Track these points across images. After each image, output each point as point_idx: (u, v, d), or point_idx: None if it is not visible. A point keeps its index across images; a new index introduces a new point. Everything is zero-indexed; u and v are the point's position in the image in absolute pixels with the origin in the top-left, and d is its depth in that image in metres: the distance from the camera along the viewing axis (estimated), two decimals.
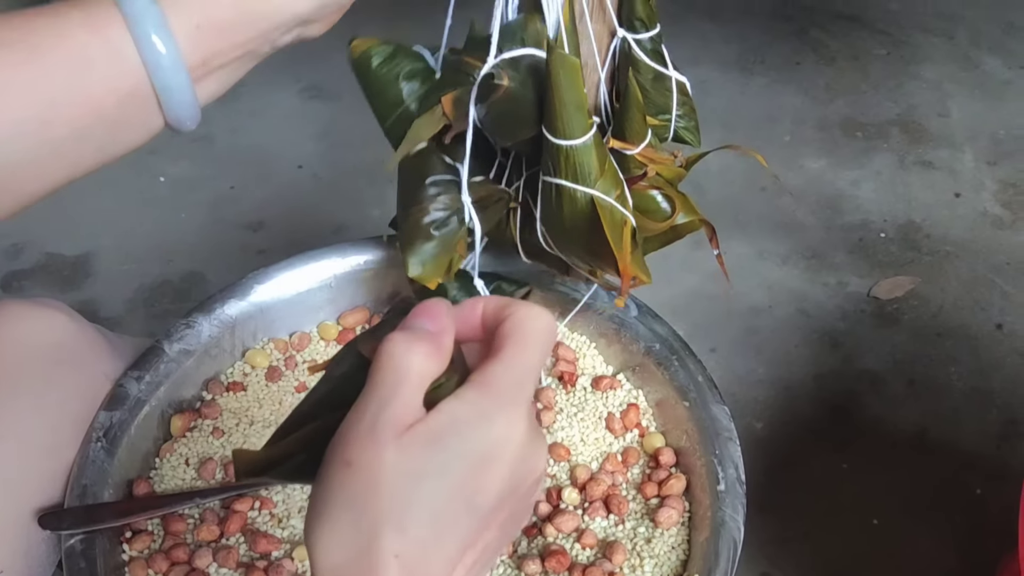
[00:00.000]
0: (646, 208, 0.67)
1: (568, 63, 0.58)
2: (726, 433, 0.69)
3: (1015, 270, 1.27)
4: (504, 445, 0.37)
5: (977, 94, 1.56)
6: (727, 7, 1.72)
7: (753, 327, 1.21)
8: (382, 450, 0.35)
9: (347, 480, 0.36)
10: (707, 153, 0.70)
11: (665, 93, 0.66)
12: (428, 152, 0.67)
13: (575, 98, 0.59)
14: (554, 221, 0.66)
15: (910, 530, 1.00)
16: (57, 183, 0.52)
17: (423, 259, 0.66)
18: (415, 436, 0.36)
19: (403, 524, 0.35)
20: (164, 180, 1.41)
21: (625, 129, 0.65)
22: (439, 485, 0.36)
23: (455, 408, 0.37)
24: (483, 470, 0.37)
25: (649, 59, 0.64)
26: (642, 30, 0.63)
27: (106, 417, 0.68)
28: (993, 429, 1.09)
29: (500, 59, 0.61)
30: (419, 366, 0.37)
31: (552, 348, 0.40)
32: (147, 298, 1.25)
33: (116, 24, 0.49)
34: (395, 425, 0.36)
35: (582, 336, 0.81)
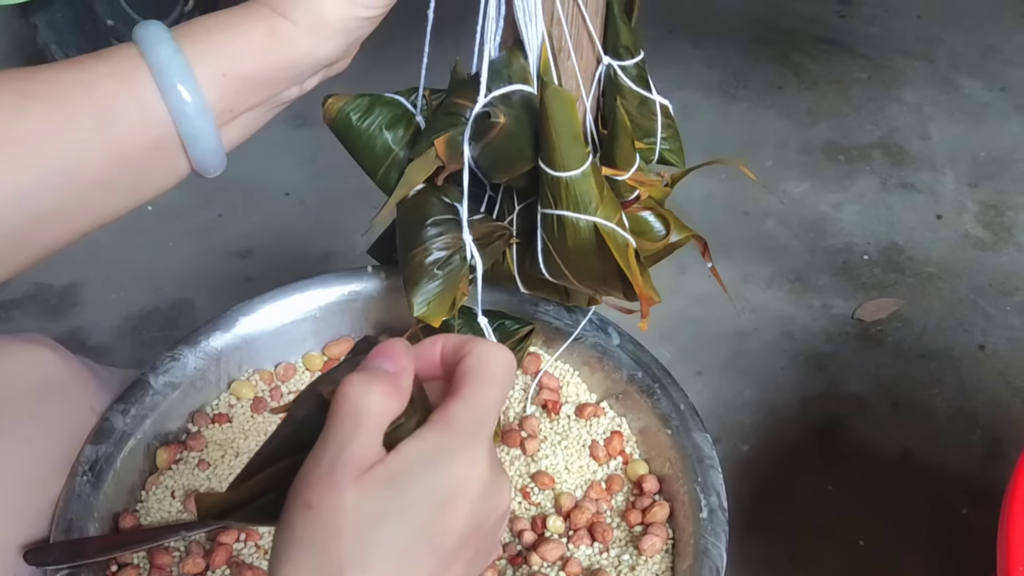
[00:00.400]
0: (641, 230, 0.68)
1: (562, 97, 0.59)
2: (708, 460, 0.70)
3: (997, 291, 1.28)
4: (465, 484, 0.37)
5: (957, 116, 1.58)
6: (709, 32, 1.74)
7: (739, 350, 1.22)
8: (341, 492, 0.35)
9: (308, 522, 0.36)
10: (692, 169, 0.71)
11: (650, 117, 0.68)
12: (426, 194, 0.68)
13: (571, 130, 0.60)
14: (559, 251, 0.66)
15: (896, 551, 1.00)
16: (83, 231, 0.53)
17: (427, 298, 0.67)
18: (375, 477, 0.36)
19: (365, 565, 0.35)
20: (151, 209, 1.41)
21: (614, 155, 0.66)
22: (400, 526, 0.36)
23: (415, 448, 0.37)
24: (445, 510, 0.37)
25: (634, 85, 0.66)
26: (627, 57, 0.65)
27: (92, 451, 0.69)
28: (977, 450, 1.10)
29: (492, 96, 0.62)
30: (377, 406, 0.37)
31: (512, 383, 0.41)
32: (135, 326, 1.26)
33: (142, 75, 0.50)
34: (354, 467, 0.36)
35: (565, 364, 0.82)
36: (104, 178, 0.50)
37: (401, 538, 0.36)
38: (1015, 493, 0.63)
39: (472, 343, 0.40)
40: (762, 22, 1.80)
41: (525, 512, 0.73)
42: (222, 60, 0.52)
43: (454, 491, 0.37)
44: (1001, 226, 1.38)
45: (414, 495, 0.36)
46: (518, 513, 0.73)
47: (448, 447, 0.37)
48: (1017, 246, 1.35)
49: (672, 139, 0.71)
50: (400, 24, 0.65)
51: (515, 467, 0.75)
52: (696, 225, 1.28)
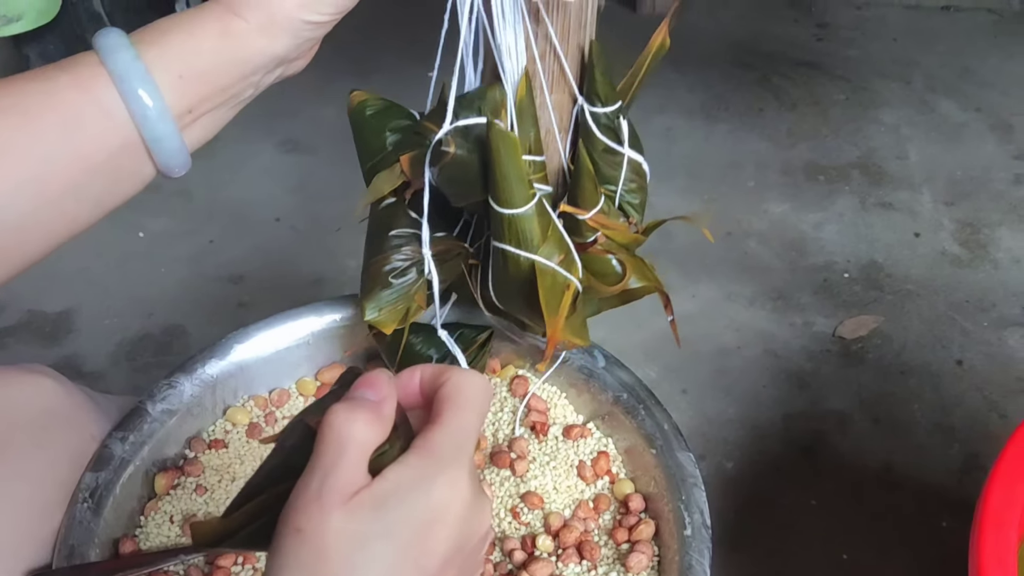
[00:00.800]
0: (600, 271, 0.71)
1: (507, 139, 0.62)
2: (691, 479, 0.72)
3: (974, 307, 1.31)
4: (448, 507, 0.39)
5: (934, 136, 1.62)
6: (691, 56, 1.77)
7: (722, 368, 1.24)
8: (328, 516, 0.37)
9: (297, 547, 0.37)
10: (664, 222, 0.73)
11: (615, 166, 0.70)
12: (395, 206, 0.72)
13: (515, 171, 0.63)
14: (501, 282, 0.70)
15: (879, 564, 1.02)
16: (59, 240, 0.55)
17: (380, 305, 0.70)
18: (361, 502, 0.38)
19: None
20: (143, 236, 1.43)
21: (577, 195, 0.68)
22: (386, 548, 0.38)
23: (399, 473, 0.39)
24: (428, 532, 0.39)
25: (600, 132, 0.68)
26: (599, 104, 0.67)
27: (92, 478, 0.70)
28: (956, 463, 1.13)
29: (453, 127, 0.64)
30: (361, 434, 0.39)
31: (488, 408, 0.43)
32: (129, 352, 1.27)
33: (103, 82, 0.51)
34: (340, 492, 0.38)
35: (553, 387, 0.84)
36: (72, 185, 0.52)
37: (387, 559, 0.38)
38: (986, 505, 0.65)
39: (449, 372, 0.42)
40: (742, 46, 1.83)
41: (515, 532, 0.75)
42: (178, 62, 0.53)
43: (437, 514, 0.39)
44: (977, 243, 1.42)
45: (398, 518, 0.38)
46: (508, 533, 0.75)
47: (430, 472, 0.39)
48: (993, 263, 1.38)
49: (636, 193, 0.73)
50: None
51: (505, 488, 0.77)
52: (680, 245, 1.32)
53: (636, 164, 0.71)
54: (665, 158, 1.55)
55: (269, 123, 1.64)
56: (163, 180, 0.58)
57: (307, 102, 1.67)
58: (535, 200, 0.65)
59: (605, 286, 0.70)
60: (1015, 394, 1.20)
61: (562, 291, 0.68)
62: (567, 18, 0.64)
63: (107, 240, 1.42)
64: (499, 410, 0.83)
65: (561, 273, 0.67)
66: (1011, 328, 1.28)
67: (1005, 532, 0.64)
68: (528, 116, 0.66)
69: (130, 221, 1.45)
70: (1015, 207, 1.48)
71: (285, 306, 0.84)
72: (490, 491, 0.77)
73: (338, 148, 1.58)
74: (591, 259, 0.71)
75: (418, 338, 0.77)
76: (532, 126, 0.66)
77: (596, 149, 0.69)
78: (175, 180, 0.58)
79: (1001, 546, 0.63)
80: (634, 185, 0.72)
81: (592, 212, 0.68)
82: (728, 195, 1.50)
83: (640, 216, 0.73)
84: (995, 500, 0.65)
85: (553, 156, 0.70)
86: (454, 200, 0.69)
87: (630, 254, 0.71)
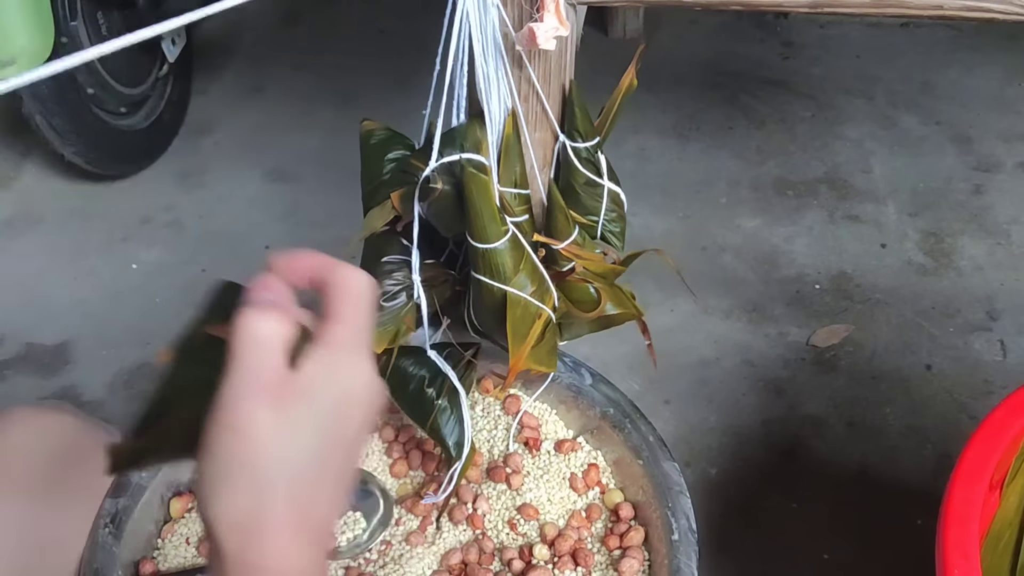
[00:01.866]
0: (579, 299, 0.76)
1: (477, 180, 0.67)
2: (676, 487, 0.77)
3: (940, 314, 1.37)
4: (357, 390, 0.44)
5: (896, 150, 1.68)
6: (662, 78, 1.82)
7: (703, 379, 1.29)
8: (259, 411, 0.40)
9: (235, 444, 0.40)
10: (640, 254, 0.79)
11: (596, 198, 0.75)
12: (388, 235, 0.77)
13: (487, 210, 0.68)
14: (479, 309, 0.75)
15: (858, 562, 1.07)
16: None
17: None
18: (286, 395, 0.41)
19: (293, 470, 0.41)
20: (137, 267, 1.47)
21: (551, 227, 0.74)
22: (314, 434, 0.42)
23: (314, 367, 0.43)
24: (345, 413, 0.43)
25: (582, 166, 0.73)
26: (579, 140, 0.72)
27: (112, 504, 0.74)
28: (929, 464, 1.18)
29: (439, 164, 0.69)
30: (275, 332, 0.42)
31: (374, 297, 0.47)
32: (127, 381, 1.31)
33: None
34: (267, 387, 0.41)
35: (543, 404, 0.89)
36: None
37: (316, 443, 0.42)
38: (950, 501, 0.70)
39: (336, 267, 0.46)
40: (711, 66, 1.89)
41: (513, 542, 0.80)
42: None
43: (349, 396, 0.44)
44: (941, 252, 1.48)
45: (320, 406, 0.42)
46: (507, 543, 0.80)
47: (340, 362, 0.43)
48: (957, 271, 1.44)
49: (616, 222, 0.78)
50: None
51: (501, 501, 0.82)
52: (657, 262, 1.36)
53: (615, 194, 0.76)
54: (640, 177, 1.60)
55: (255, 154, 1.68)
56: (155, 213, 0.61)
57: (291, 132, 1.72)
58: (508, 236, 0.70)
59: (582, 312, 0.75)
60: (983, 396, 1.25)
61: (532, 320, 0.73)
62: (548, 63, 0.69)
63: (102, 273, 1.45)
64: (493, 427, 0.87)
65: (532, 303, 0.72)
66: (976, 332, 1.34)
67: (968, 527, 0.69)
68: (514, 153, 0.71)
69: (124, 253, 1.49)
70: (976, 216, 1.54)
71: None
72: (487, 505, 0.82)
73: (323, 177, 1.62)
74: (570, 287, 0.77)
75: (409, 360, 0.81)
76: (518, 162, 0.71)
77: (579, 182, 0.74)
78: (166, 212, 0.61)
79: (964, 539, 0.68)
80: (614, 215, 0.77)
81: (565, 243, 0.73)
82: (702, 212, 1.56)
83: (621, 243, 0.78)
84: (958, 496, 0.70)
85: (535, 191, 0.75)
86: (443, 230, 0.75)
87: (608, 283, 0.76)
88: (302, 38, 1.97)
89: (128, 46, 0.51)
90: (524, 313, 0.72)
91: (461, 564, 0.78)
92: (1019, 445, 0.75)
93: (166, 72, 1.66)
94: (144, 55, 1.60)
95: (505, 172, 0.71)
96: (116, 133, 1.55)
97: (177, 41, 1.65)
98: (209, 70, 1.86)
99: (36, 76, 0.42)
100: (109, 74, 1.51)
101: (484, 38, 0.64)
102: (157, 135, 1.66)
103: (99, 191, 1.59)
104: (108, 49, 0.45)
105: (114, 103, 1.54)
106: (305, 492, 0.41)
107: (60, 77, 1.39)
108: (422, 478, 0.84)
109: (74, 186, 1.60)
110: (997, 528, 0.77)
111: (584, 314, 0.76)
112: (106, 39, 1.48)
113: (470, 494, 0.82)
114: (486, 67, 0.67)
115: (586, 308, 0.76)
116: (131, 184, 1.60)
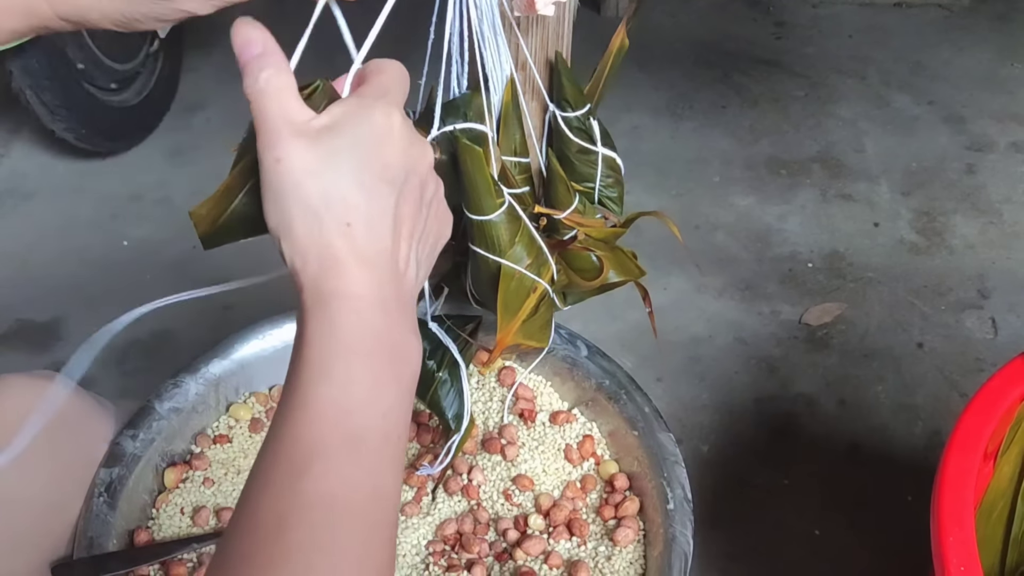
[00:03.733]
0: (581, 267, 0.76)
1: (472, 153, 0.66)
2: (672, 458, 0.77)
3: (932, 292, 1.38)
4: (389, 129, 0.46)
5: (889, 129, 1.68)
6: (655, 57, 1.82)
7: (696, 356, 1.29)
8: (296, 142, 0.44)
9: (284, 173, 0.44)
10: (641, 215, 0.78)
11: (591, 164, 0.75)
12: None
13: (482, 182, 0.67)
14: (476, 280, 0.75)
15: (850, 538, 1.08)
16: None
17: None
18: (314, 128, 0.44)
19: (340, 196, 0.44)
20: (127, 244, 1.46)
21: (551, 197, 0.73)
22: (350, 158, 0.44)
23: (337, 108, 0.46)
24: (380, 147, 0.45)
25: (573, 135, 0.73)
26: (569, 109, 0.72)
27: (106, 474, 0.74)
28: (920, 441, 1.19)
29: (441, 132, 0.69)
30: (273, 79, 0.44)
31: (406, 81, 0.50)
32: (119, 358, 1.30)
33: None
34: (294, 123, 0.44)
35: (538, 376, 0.89)
36: None
37: (353, 165, 0.44)
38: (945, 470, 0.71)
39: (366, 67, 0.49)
40: (704, 45, 1.89)
41: (508, 512, 0.80)
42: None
43: (381, 134, 0.46)
44: (933, 231, 1.48)
45: (351, 136, 0.45)
46: (502, 514, 0.80)
47: (365, 104, 0.46)
48: (949, 249, 1.45)
49: (613, 187, 0.78)
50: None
51: (497, 472, 0.82)
52: (650, 239, 1.38)
53: (610, 160, 0.76)
54: (633, 155, 1.60)
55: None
56: (145, 190, 0.60)
57: None
58: (504, 207, 0.69)
59: (584, 281, 0.75)
60: (974, 373, 1.26)
61: (527, 294, 0.72)
62: (545, 31, 0.69)
63: (92, 251, 1.44)
64: (488, 399, 0.87)
65: (528, 276, 0.71)
66: (967, 311, 1.35)
67: (963, 495, 0.69)
68: (513, 121, 0.70)
69: (114, 230, 1.48)
70: (968, 195, 1.54)
71: (269, 307, 0.88)
72: (482, 476, 0.82)
73: None
74: (572, 255, 0.76)
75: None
76: (518, 130, 0.71)
77: (571, 150, 0.73)
78: (157, 189, 0.60)
79: (959, 508, 0.68)
80: (611, 180, 0.77)
81: (567, 212, 0.73)
82: (695, 190, 1.56)
83: (619, 208, 0.78)
84: (953, 465, 0.71)
85: (533, 160, 0.75)
86: (446, 200, 0.74)
87: (610, 247, 0.76)
88: (292, 12, 1.95)
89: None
90: (519, 286, 0.72)
91: (456, 534, 0.78)
92: (1014, 416, 0.76)
93: (157, 48, 1.65)
94: (135, 31, 1.59)
95: (505, 140, 0.70)
96: (107, 109, 1.54)
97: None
98: (200, 47, 1.85)
99: None
100: (100, 49, 1.50)
101: (483, 4, 0.64)
102: (148, 111, 1.65)
103: (89, 167, 1.58)
104: None
105: (105, 79, 1.52)
106: (359, 221, 0.44)
107: (50, 52, 1.38)
108: (417, 450, 0.84)
109: (64, 162, 1.59)
110: (991, 498, 0.78)
111: (587, 283, 0.76)
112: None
113: (465, 465, 0.82)
114: (485, 35, 0.66)
115: (588, 276, 0.76)
116: (122, 160, 1.59)
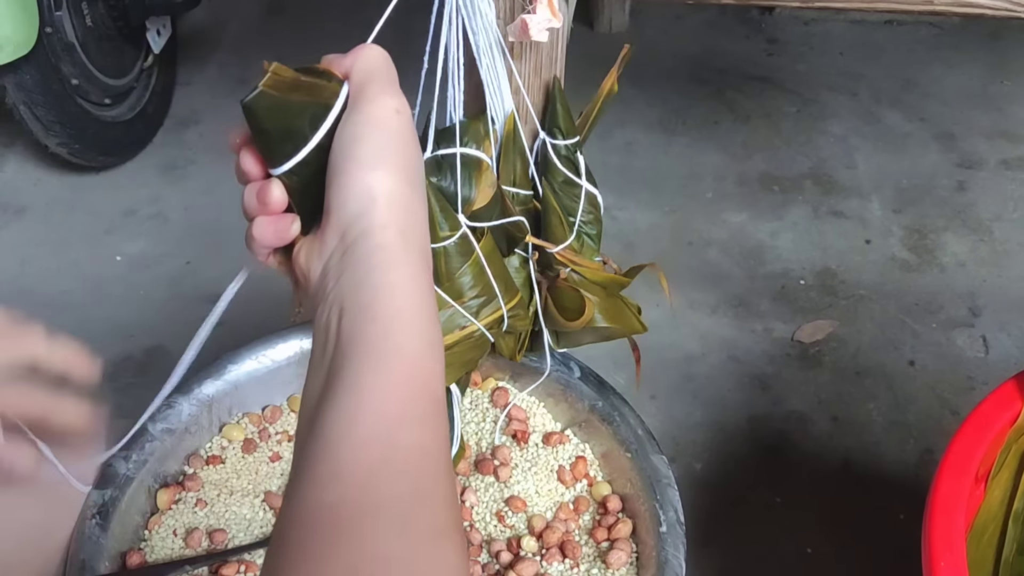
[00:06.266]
0: (568, 306, 0.76)
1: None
2: (665, 480, 0.77)
3: (923, 310, 1.38)
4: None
5: (880, 146, 1.69)
6: (648, 73, 1.83)
7: (689, 374, 1.29)
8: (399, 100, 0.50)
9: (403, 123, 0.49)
10: (644, 267, 0.79)
11: (573, 198, 0.75)
12: None
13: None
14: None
15: (842, 556, 1.08)
16: None
17: None
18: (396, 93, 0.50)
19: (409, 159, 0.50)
20: (121, 259, 1.46)
21: (545, 229, 0.73)
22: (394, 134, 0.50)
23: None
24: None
25: (561, 164, 0.73)
26: (560, 137, 0.72)
27: (98, 495, 0.74)
28: (912, 459, 1.19)
29: (434, 155, 0.69)
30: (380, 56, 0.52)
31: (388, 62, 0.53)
32: (111, 373, 1.29)
33: None
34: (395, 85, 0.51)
35: (532, 397, 0.89)
36: None
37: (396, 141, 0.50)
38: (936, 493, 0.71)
39: (341, 60, 0.53)
40: (697, 62, 1.90)
41: (501, 534, 0.80)
42: None
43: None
44: (925, 249, 1.49)
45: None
46: (494, 535, 0.80)
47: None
48: (940, 267, 1.45)
49: (593, 224, 0.77)
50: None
51: (489, 493, 0.82)
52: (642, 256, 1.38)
53: (592, 196, 0.76)
54: (626, 171, 1.60)
55: None
56: (139, 205, 0.61)
57: None
58: (452, 239, 0.68)
59: (565, 320, 0.75)
60: (965, 392, 1.26)
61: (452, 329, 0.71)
62: (539, 56, 0.69)
63: (85, 265, 1.44)
64: (482, 420, 0.88)
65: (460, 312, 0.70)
66: (959, 329, 1.35)
67: (954, 518, 0.69)
68: (514, 150, 0.70)
69: (107, 245, 1.48)
70: (959, 212, 1.55)
71: (262, 324, 0.88)
72: (475, 497, 0.82)
73: None
74: (559, 293, 0.76)
75: None
76: (518, 160, 0.71)
77: (556, 180, 0.73)
78: (151, 204, 0.61)
79: (950, 531, 0.68)
80: (591, 216, 0.77)
81: (561, 246, 0.73)
82: (688, 206, 1.56)
83: (597, 245, 0.78)
84: (944, 488, 0.71)
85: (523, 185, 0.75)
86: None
87: (609, 294, 0.76)
88: (286, 29, 1.96)
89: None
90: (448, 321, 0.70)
91: None
92: (1004, 439, 0.76)
93: (151, 63, 1.65)
94: (129, 46, 1.59)
95: (504, 170, 0.70)
96: (100, 124, 1.54)
97: (162, 32, 1.64)
98: (194, 61, 1.85)
99: None
100: (94, 65, 1.50)
101: (483, 32, 0.64)
102: (142, 126, 1.65)
103: (83, 182, 1.58)
104: None
105: (99, 94, 1.52)
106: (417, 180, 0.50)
107: (44, 68, 1.38)
108: None
109: (58, 177, 1.59)
110: (982, 521, 0.78)
111: (568, 322, 0.75)
112: (90, 30, 1.47)
113: (458, 486, 0.82)
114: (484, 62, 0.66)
115: (570, 316, 0.76)
116: (115, 176, 1.59)
